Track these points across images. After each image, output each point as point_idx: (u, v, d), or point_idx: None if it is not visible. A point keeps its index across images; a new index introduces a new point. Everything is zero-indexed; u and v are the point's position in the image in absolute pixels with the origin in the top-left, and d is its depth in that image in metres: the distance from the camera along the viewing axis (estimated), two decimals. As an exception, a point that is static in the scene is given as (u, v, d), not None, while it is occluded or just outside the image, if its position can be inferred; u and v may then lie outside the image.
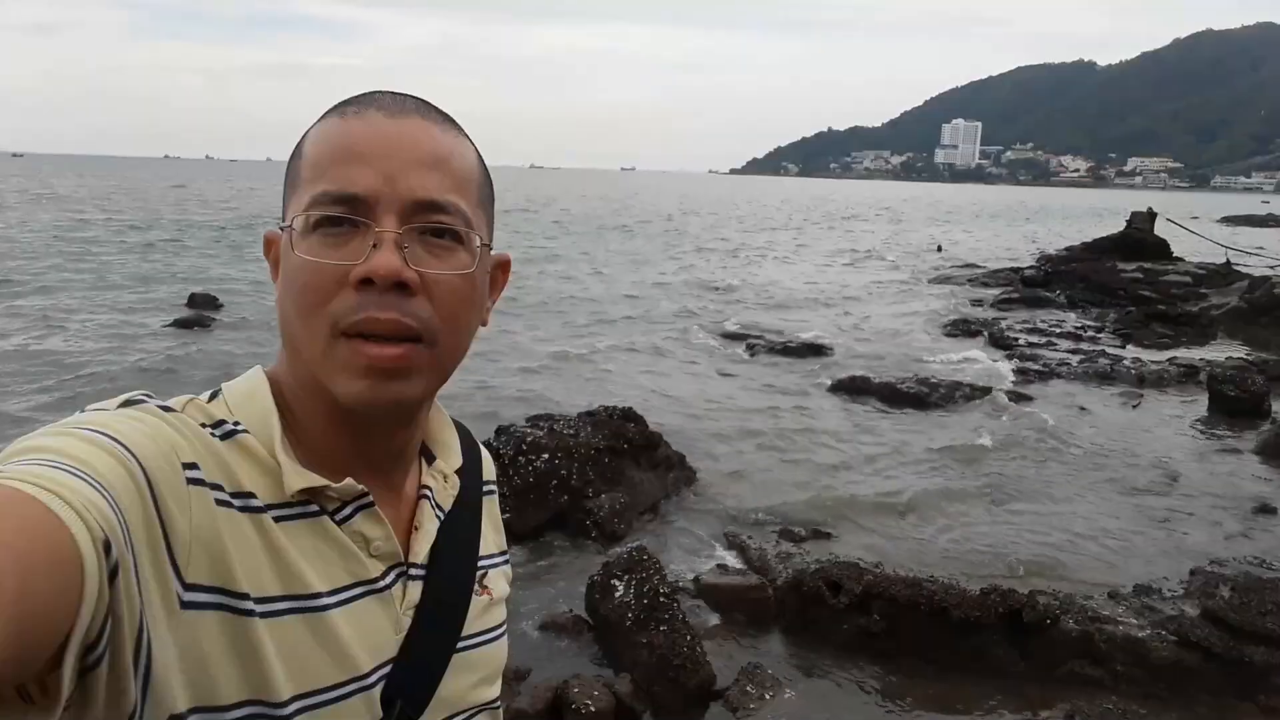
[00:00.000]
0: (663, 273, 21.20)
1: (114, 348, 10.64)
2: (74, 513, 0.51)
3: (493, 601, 0.88)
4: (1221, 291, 16.03)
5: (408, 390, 0.73)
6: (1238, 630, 4.12)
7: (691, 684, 3.85)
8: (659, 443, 6.63)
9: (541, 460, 5.70)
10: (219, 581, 0.65)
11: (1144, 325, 13.85)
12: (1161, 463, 7.34)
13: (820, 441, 7.90)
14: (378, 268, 0.69)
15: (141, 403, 0.68)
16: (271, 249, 0.78)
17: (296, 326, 0.72)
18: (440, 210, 0.72)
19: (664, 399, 9.15)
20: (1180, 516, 6.24)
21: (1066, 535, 5.87)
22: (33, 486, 0.51)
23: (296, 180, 0.75)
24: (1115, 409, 9.19)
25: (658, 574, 4.23)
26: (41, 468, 0.54)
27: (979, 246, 32.23)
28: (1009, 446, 7.76)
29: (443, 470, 0.86)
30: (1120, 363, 10.95)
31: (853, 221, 50.72)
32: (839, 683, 4.16)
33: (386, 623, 0.76)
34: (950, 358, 11.72)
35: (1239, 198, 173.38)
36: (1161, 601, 4.57)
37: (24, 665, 0.48)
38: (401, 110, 0.74)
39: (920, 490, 6.68)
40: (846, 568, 4.62)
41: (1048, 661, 4.17)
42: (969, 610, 4.23)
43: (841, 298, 17.85)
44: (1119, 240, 21.82)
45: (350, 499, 0.75)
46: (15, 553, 0.47)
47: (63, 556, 0.49)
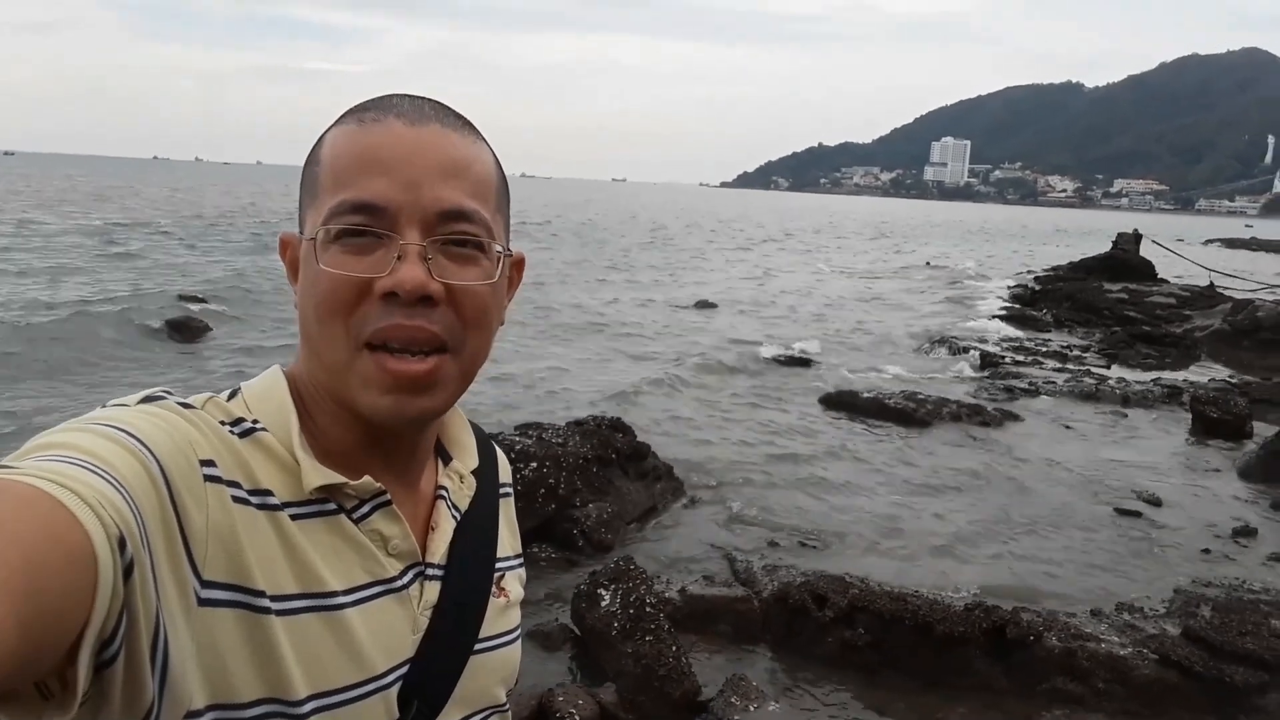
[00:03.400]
0: (655, 283, 21.23)
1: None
2: (89, 509, 0.51)
3: (509, 603, 0.88)
4: (1205, 313, 16.21)
5: (433, 403, 0.74)
6: (1218, 650, 4.16)
7: (676, 694, 3.85)
8: (647, 453, 6.64)
9: (529, 469, 5.69)
10: (236, 579, 0.65)
11: (1129, 345, 13.96)
12: (1145, 483, 7.40)
13: (807, 455, 7.91)
14: (404, 281, 0.69)
15: (161, 399, 0.68)
16: (287, 251, 0.78)
17: (318, 335, 0.72)
18: (463, 219, 0.72)
19: (653, 410, 9.15)
20: (1163, 536, 6.29)
21: (1050, 553, 5.90)
22: (48, 483, 0.51)
23: (315, 188, 0.74)
24: (1100, 428, 9.25)
25: (644, 584, 4.23)
26: (58, 463, 0.54)
27: (967, 263, 32.45)
28: (994, 464, 7.80)
29: (459, 470, 0.86)
30: (1105, 382, 11.03)
31: (842, 236, 50.98)
32: (823, 695, 4.17)
33: (404, 622, 0.75)
34: (937, 374, 11.79)
35: (1223, 221, 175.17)
36: (1143, 620, 4.60)
37: (36, 661, 0.48)
38: (420, 117, 0.74)
39: (906, 506, 6.71)
40: (832, 581, 4.64)
41: (1030, 678, 4.19)
42: (953, 625, 4.25)
43: (830, 311, 17.91)
44: (1105, 260, 22.05)
45: (368, 497, 0.75)
46: (26, 549, 0.47)
47: (76, 553, 0.49)
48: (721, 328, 15.00)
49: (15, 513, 0.48)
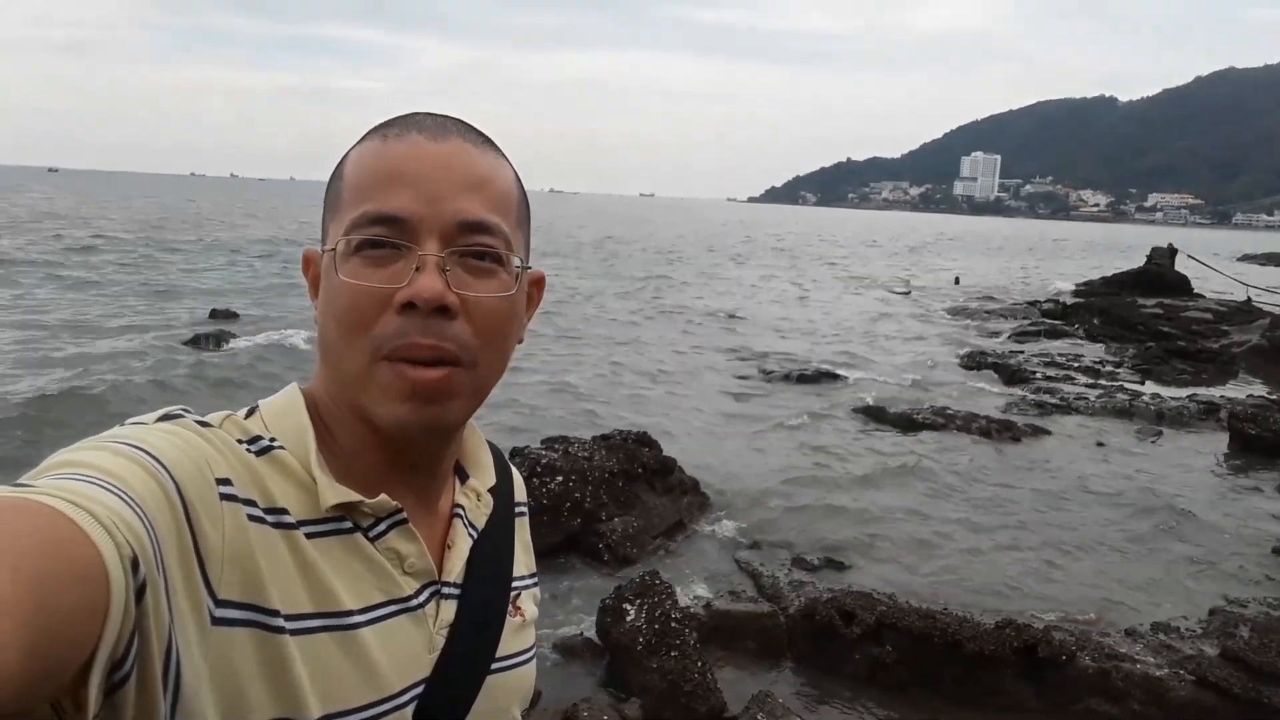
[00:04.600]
0: (680, 300, 21.24)
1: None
2: (102, 529, 0.51)
3: (525, 623, 0.87)
4: (1243, 329, 15.91)
5: (448, 414, 0.73)
6: (1257, 671, 4.07)
7: (702, 711, 3.82)
8: (673, 468, 6.63)
9: (555, 483, 5.70)
10: (251, 598, 0.64)
11: (1163, 361, 13.73)
12: (1180, 501, 7.26)
13: (834, 470, 7.86)
14: (421, 291, 0.69)
15: (179, 417, 0.68)
16: (310, 267, 0.78)
17: (338, 347, 0.73)
18: (482, 232, 0.73)
19: (678, 424, 9.14)
20: (1199, 555, 6.17)
21: (1083, 572, 5.80)
22: (62, 501, 0.51)
23: (338, 202, 0.75)
24: (1134, 445, 9.10)
25: (669, 599, 4.22)
26: (73, 482, 0.54)
27: (997, 279, 32.14)
28: (1024, 480, 7.70)
29: (476, 489, 0.85)
30: (1139, 399, 10.86)
31: (870, 251, 50.73)
32: (850, 713, 4.12)
33: (419, 641, 0.75)
34: (967, 389, 11.67)
35: (1261, 235, 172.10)
36: (1180, 640, 4.51)
37: (46, 681, 0.47)
38: (442, 132, 0.74)
39: (935, 522, 6.63)
40: (860, 598, 4.59)
41: (1063, 698, 4.12)
42: (983, 644, 4.19)
43: (858, 327, 17.82)
44: (1139, 275, 21.74)
45: (384, 515, 0.74)
46: (37, 568, 0.46)
47: (87, 573, 0.49)
48: (749, 341, 14.97)
49: (28, 531, 0.48)
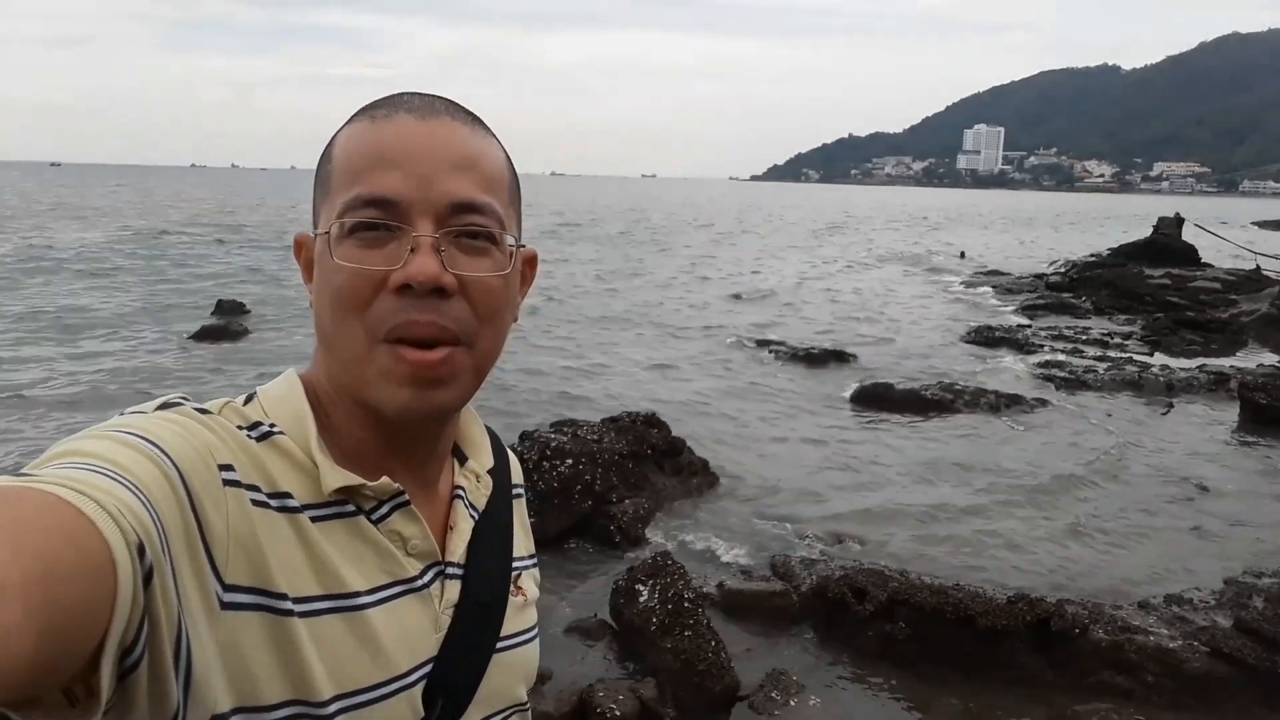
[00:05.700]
0: (686, 279, 21.20)
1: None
2: (108, 517, 0.51)
3: (526, 602, 0.88)
4: (1252, 298, 15.81)
5: (449, 397, 0.73)
6: (1271, 642, 4.06)
7: (716, 689, 3.84)
8: (682, 448, 6.64)
9: (565, 465, 5.71)
10: (258, 582, 0.65)
11: (1172, 332, 13.67)
12: (1192, 472, 7.25)
13: (843, 448, 7.86)
14: (416, 273, 0.69)
15: (178, 405, 0.68)
16: (302, 251, 0.78)
17: (334, 331, 0.72)
18: (474, 211, 0.73)
19: (687, 405, 9.14)
20: (1212, 526, 6.16)
21: (1094, 544, 5.80)
22: (67, 490, 0.51)
23: (328, 184, 0.74)
24: (1144, 417, 9.08)
25: (682, 579, 4.23)
26: (78, 471, 0.54)
27: (1003, 252, 31.99)
28: (1034, 454, 7.69)
29: (475, 470, 0.86)
30: (1148, 370, 10.81)
31: (875, 227, 50.52)
32: (863, 689, 4.14)
33: (426, 621, 0.76)
34: (974, 364, 11.64)
35: (1268, 202, 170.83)
36: (1193, 612, 4.51)
37: (57, 669, 0.48)
38: (431, 112, 0.74)
39: (945, 497, 6.63)
40: (871, 574, 4.60)
41: (1076, 671, 4.13)
42: (995, 618, 4.19)
43: (865, 304, 17.76)
44: (1145, 246, 21.60)
45: (386, 498, 0.75)
46: (44, 557, 0.46)
47: (95, 561, 0.49)
48: (755, 319, 14.94)
49: (34, 520, 0.48)
